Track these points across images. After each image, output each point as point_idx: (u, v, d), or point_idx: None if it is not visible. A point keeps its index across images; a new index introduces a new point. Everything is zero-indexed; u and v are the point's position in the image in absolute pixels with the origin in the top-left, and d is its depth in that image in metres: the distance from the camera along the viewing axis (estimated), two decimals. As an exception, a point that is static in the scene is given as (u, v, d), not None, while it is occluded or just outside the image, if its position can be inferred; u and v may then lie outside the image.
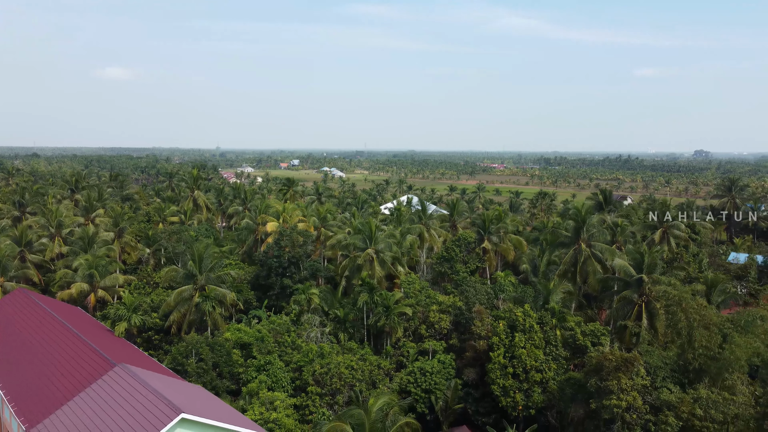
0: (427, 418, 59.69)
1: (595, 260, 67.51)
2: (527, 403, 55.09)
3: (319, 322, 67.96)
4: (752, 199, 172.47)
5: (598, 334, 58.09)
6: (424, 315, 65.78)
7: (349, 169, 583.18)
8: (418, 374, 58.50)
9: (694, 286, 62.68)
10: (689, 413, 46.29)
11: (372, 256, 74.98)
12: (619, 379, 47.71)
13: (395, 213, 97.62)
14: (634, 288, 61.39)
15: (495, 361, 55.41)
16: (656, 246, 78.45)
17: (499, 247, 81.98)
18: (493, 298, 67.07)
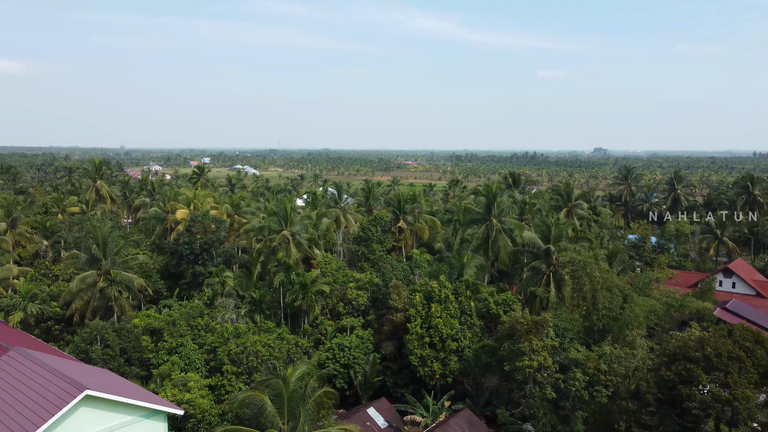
0: (347, 393, 59.64)
1: (505, 235, 69.92)
2: (444, 372, 56.17)
3: (233, 305, 66.17)
4: (646, 187, 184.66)
5: (509, 303, 60.11)
6: (341, 293, 65.60)
7: (263, 166, 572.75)
8: (337, 350, 58.28)
9: (598, 251, 66.34)
10: (595, 369, 48.81)
11: (288, 237, 73.90)
12: (531, 341, 49.54)
13: (310, 197, 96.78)
14: (542, 258, 64.07)
15: (412, 332, 56.10)
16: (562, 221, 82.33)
17: (414, 227, 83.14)
18: (409, 274, 67.90)
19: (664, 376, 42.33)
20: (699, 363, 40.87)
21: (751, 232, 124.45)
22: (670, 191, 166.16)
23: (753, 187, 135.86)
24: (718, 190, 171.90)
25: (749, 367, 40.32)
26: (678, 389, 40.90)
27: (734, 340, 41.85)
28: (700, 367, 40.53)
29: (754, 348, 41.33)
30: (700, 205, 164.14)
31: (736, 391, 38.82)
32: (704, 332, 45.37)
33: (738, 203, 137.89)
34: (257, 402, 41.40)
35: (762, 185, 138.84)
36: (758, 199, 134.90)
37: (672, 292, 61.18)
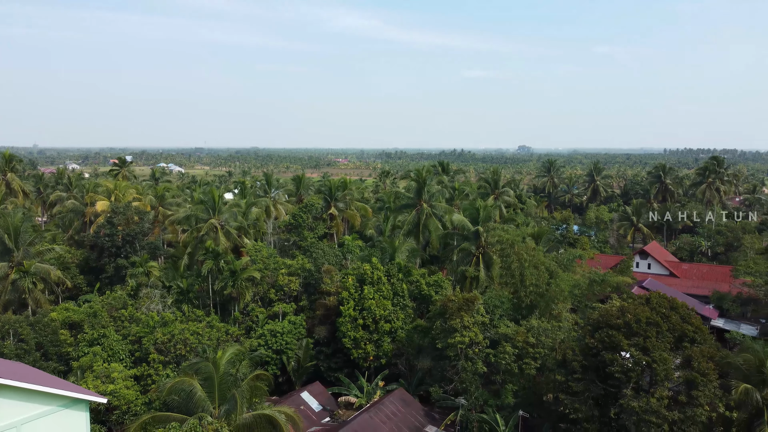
0: (280, 380, 58.81)
1: (436, 219, 70.88)
2: (378, 354, 56.32)
3: (159, 295, 63.80)
4: (568, 179, 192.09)
5: (441, 284, 60.95)
6: (272, 279, 64.51)
7: (189, 164, 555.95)
8: (269, 336, 57.31)
9: (524, 229, 68.36)
10: (524, 342, 50.26)
11: (216, 226, 71.96)
12: (462, 317, 50.39)
13: (239, 186, 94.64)
14: (471, 240, 65.35)
15: (345, 314, 55.91)
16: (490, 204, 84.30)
17: (345, 214, 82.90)
18: (342, 260, 67.64)
19: (589, 344, 44.01)
20: (620, 329, 42.75)
21: (663, 218, 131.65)
22: (589, 182, 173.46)
23: (665, 176, 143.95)
24: (634, 181, 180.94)
25: (665, 332, 42.50)
26: (602, 355, 42.61)
27: (651, 307, 44.04)
28: (622, 333, 42.39)
29: (670, 314, 43.62)
30: (618, 195, 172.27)
31: (654, 354, 40.84)
32: (624, 302, 47.53)
33: (651, 192, 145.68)
34: (186, 387, 40.03)
35: (672, 175, 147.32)
36: (669, 188, 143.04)
37: (594, 270, 63.94)
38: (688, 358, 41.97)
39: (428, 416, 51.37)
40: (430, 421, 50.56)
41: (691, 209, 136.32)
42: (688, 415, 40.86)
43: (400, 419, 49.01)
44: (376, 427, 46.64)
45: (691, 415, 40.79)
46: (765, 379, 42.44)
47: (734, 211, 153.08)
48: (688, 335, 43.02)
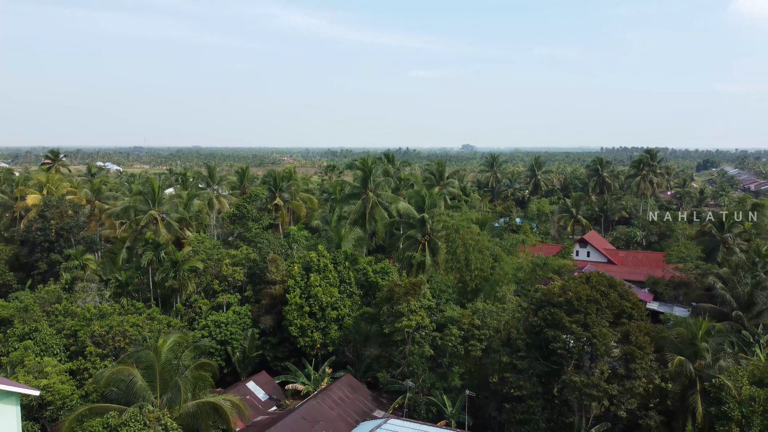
0: (225, 371, 57.53)
1: (381, 207, 70.94)
2: (325, 341, 55.91)
3: (96, 288, 61.40)
4: (510, 173, 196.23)
5: (387, 271, 61.04)
6: (216, 270, 63.08)
7: (127, 163, 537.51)
8: (212, 327, 56.01)
9: (469, 214, 69.34)
10: (469, 324, 50.93)
11: (156, 217, 69.81)
12: (409, 302, 50.60)
13: (180, 178, 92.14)
14: (417, 228, 65.72)
15: (291, 302, 55.23)
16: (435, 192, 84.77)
17: (291, 204, 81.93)
18: (287, 249, 66.81)
19: (532, 323, 44.99)
20: (562, 307, 43.87)
21: (601, 210, 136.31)
22: (531, 177, 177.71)
23: (602, 169, 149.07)
24: (573, 176, 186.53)
25: (605, 308, 43.89)
26: (545, 333, 43.63)
27: (591, 286, 45.38)
28: (563, 311, 43.52)
29: (608, 291, 45.07)
30: (558, 189, 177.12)
31: (594, 330, 42.10)
32: (566, 282, 48.80)
33: (590, 185, 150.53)
34: (126, 377, 38.60)
35: (609, 168, 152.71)
36: (607, 181, 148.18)
37: (537, 255, 65.46)
38: (627, 333, 43.49)
39: (376, 401, 51.35)
40: (378, 406, 50.56)
41: (627, 201, 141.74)
42: (627, 387, 42.35)
43: (348, 404, 48.78)
44: (323, 413, 46.26)
45: (629, 387, 42.28)
46: (697, 351, 44.42)
47: (666, 204, 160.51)
48: (626, 311, 44.56)
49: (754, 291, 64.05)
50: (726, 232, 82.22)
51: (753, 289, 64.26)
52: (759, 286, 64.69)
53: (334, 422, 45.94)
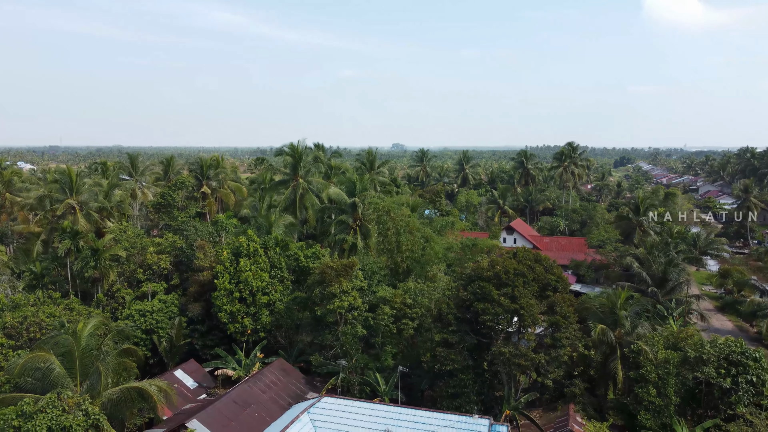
0: (151, 362, 55.46)
1: (312, 194, 70.30)
2: (256, 327, 54.84)
3: (8, 281, 57.76)
4: (439, 168, 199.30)
5: (319, 255, 60.57)
6: (140, 259, 60.66)
7: (42, 162, 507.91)
8: (137, 316, 53.84)
9: (400, 197, 69.89)
10: (401, 303, 51.31)
11: (74, 206, 66.35)
12: (341, 283, 50.41)
13: (100, 167, 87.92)
14: (348, 213, 65.53)
15: (220, 288, 53.81)
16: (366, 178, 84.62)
17: (219, 192, 79.80)
18: (216, 237, 65.08)
19: (462, 297, 45.84)
20: (491, 281, 44.96)
21: (526, 200, 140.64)
22: (459, 171, 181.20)
23: (527, 162, 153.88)
24: (500, 170, 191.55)
25: (531, 282, 45.30)
26: (474, 306, 44.54)
27: (518, 260, 46.74)
28: (492, 284, 44.60)
29: (534, 266, 46.54)
30: (485, 182, 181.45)
31: (521, 301, 43.36)
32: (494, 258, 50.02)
33: (515, 177, 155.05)
34: (42, 364, 36.47)
35: (533, 161, 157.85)
36: (531, 173, 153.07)
37: (466, 237, 66.72)
38: (552, 304, 45.06)
39: (309, 384, 50.90)
40: (311, 389, 50.11)
41: (551, 193, 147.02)
42: (553, 356, 43.89)
43: (281, 388, 48.09)
44: (255, 396, 45.39)
45: (555, 356, 43.84)
46: (617, 320, 46.57)
47: (587, 196, 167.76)
48: (551, 284, 46.13)
49: (668, 268, 67.85)
50: (642, 215, 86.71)
51: (666, 266, 68.06)
52: (671, 263, 68.58)
53: (267, 405, 45.19)
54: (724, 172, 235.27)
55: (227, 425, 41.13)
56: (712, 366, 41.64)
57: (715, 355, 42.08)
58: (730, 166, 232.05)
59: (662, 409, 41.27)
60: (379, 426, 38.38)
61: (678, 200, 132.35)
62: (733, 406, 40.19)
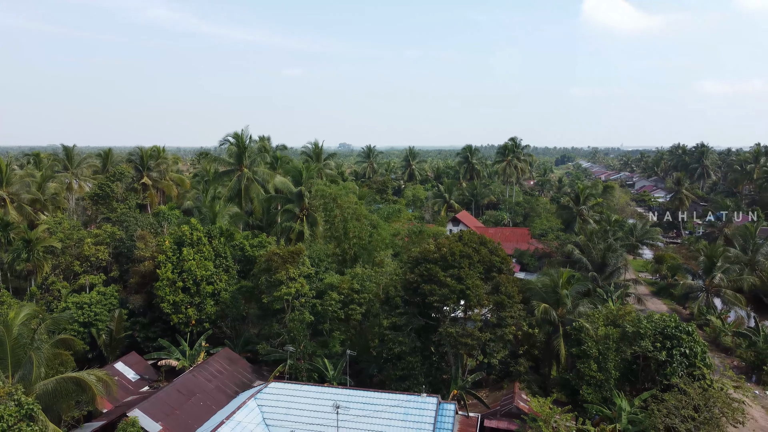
0: (90, 356, 53.36)
1: (258, 184, 69.23)
2: (201, 317, 53.62)
3: (-68, 276, 54.51)
4: (386, 164, 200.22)
5: (265, 245, 59.78)
6: (77, 251, 58.32)
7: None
8: (74, 309, 51.73)
9: (347, 184, 69.62)
10: (349, 289, 51.19)
11: (4, 198, 63.22)
12: (287, 269, 49.88)
13: (33, 159, 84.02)
14: (295, 202, 64.96)
15: (163, 277, 52.35)
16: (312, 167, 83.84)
17: (160, 184, 77.50)
18: (158, 227, 63.26)
19: (409, 279, 46.11)
20: (437, 263, 45.40)
21: (471, 195, 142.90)
22: (406, 167, 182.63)
23: (472, 157, 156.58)
24: (446, 166, 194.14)
25: (476, 263, 45.99)
26: (422, 288, 44.86)
27: (464, 243, 47.35)
28: (439, 266, 45.05)
29: (480, 248, 47.27)
30: (432, 178, 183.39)
31: (467, 281, 43.96)
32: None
33: (461, 172, 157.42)
34: (-30, 355, 34.64)
35: (478, 155, 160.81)
36: (476, 168, 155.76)
37: (414, 224, 67.18)
38: (497, 284, 45.85)
39: (257, 372, 50.14)
40: (258, 377, 49.37)
41: (495, 188, 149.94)
42: (499, 335, 44.68)
43: (227, 376, 47.19)
44: (200, 385, 44.38)
45: (500, 334, 44.64)
46: (559, 299, 47.85)
47: (530, 190, 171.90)
48: (496, 265, 46.94)
49: (606, 254, 70.19)
50: (581, 204, 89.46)
51: (605, 252, 70.40)
52: (610, 249, 70.98)
53: (212, 394, 44.25)
54: (658, 168, 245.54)
55: (171, 414, 40.04)
56: (648, 340, 43.30)
57: (651, 330, 43.77)
58: (663, 162, 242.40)
59: (603, 383, 42.67)
60: (329, 407, 38.16)
61: (616, 193, 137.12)
62: (668, 377, 41.87)
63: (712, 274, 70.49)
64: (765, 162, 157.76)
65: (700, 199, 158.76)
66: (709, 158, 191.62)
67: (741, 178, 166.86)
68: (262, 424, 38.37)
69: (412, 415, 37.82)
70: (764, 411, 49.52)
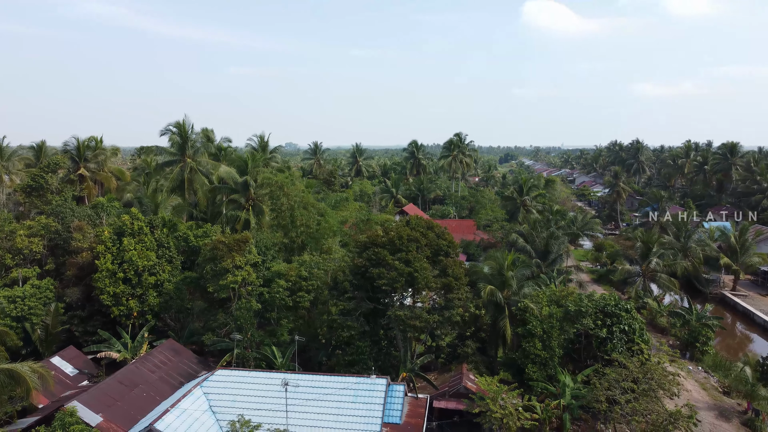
0: (23, 352, 50.89)
1: (202, 174, 67.60)
2: (143, 309, 52.04)
3: None
4: (333, 160, 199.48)
5: (210, 234, 58.51)
6: (9, 243, 55.51)
7: None
8: (6, 303, 49.27)
9: (294, 172, 68.99)
10: (297, 276, 50.72)
11: (-73, 189, 59.57)
12: (233, 257, 48.99)
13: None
14: (241, 192, 63.83)
15: (102, 268, 50.54)
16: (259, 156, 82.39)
17: (99, 175, 74.61)
18: (96, 219, 60.91)
19: (357, 264, 46.06)
20: (385, 247, 45.52)
21: (418, 189, 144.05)
22: (353, 163, 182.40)
23: (418, 152, 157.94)
24: (392, 163, 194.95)
25: (424, 247, 46.38)
26: (370, 272, 44.87)
27: (412, 228, 47.69)
28: (387, 250, 45.18)
29: (427, 232, 47.70)
30: (379, 174, 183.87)
31: (415, 264, 44.25)
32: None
33: (407, 167, 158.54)
34: None
35: (424, 151, 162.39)
36: (422, 163, 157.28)
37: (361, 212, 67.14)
38: (444, 267, 46.33)
39: (203, 363, 48.97)
40: (205, 368, 48.21)
41: (441, 183, 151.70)
42: (446, 316, 45.17)
43: (171, 367, 45.89)
44: (143, 377, 42.98)
45: (448, 316, 45.15)
46: (504, 281, 48.78)
47: (475, 186, 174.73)
48: (443, 249, 47.47)
49: (549, 241, 72.11)
50: (525, 195, 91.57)
51: (548, 239, 72.31)
52: (552, 236, 72.96)
53: (156, 385, 42.92)
54: (596, 165, 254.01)
55: (112, 405, 38.64)
56: (590, 318, 44.75)
57: (592, 308, 45.24)
58: (601, 159, 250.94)
59: (547, 361, 43.80)
60: (277, 392, 37.69)
61: (557, 186, 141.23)
62: (609, 353, 43.37)
63: (648, 259, 73.40)
64: (695, 156, 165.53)
65: (636, 193, 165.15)
66: (644, 154, 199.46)
67: (673, 173, 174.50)
68: (209, 412, 37.56)
69: (362, 397, 37.81)
70: (697, 384, 51.96)
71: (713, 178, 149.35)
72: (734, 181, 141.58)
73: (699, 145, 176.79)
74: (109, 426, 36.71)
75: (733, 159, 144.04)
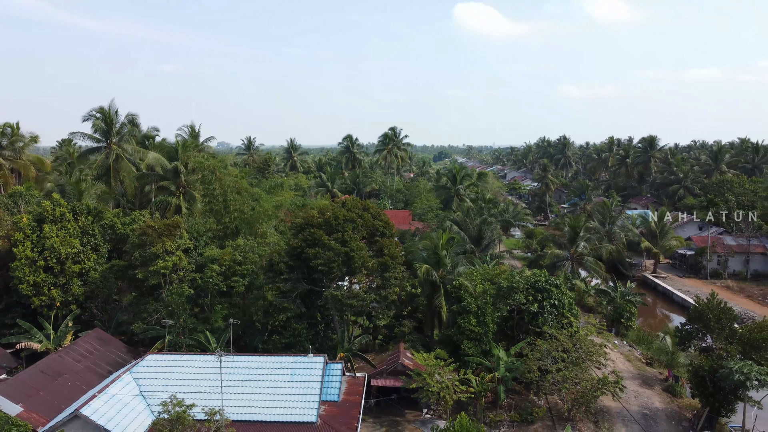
0: (-69, 348, 47.52)
1: (128, 162, 64.95)
2: (66, 299, 49.62)
3: None
4: (268, 153, 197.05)
5: (138, 220, 56.43)
6: None
7: None
8: None
9: (226, 157, 67.44)
10: (231, 261, 49.65)
11: None
12: (164, 242, 47.47)
13: None
14: (171, 179, 61.90)
15: (21, 256, 47.80)
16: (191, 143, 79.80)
17: (15, 164, 70.45)
18: (14, 207, 57.59)
19: (293, 245, 45.60)
20: (321, 227, 45.29)
21: (354, 183, 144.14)
22: (288, 159, 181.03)
23: (353, 146, 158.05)
24: (328, 158, 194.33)
25: (360, 227, 46.45)
26: (306, 252, 44.52)
27: (347, 209, 47.65)
28: (323, 230, 44.95)
29: (363, 213, 47.79)
30: (315, 170, 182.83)
31: (352, 244, 44.24)
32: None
33: (343, 161, 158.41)
34: None
35: (358, 144, 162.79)
36: (357, 157, 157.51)
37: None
38: (381, 247, 46.57)
39: (132, 352, 47.19)
40: (134, 357, 46.46)
41: (377, 177, 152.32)
42: (383, 295, 45.39)
43: (98, 356, 43.99)
44: (67, 366, 41.02)
45: (385, 295, 45.38)
46: (439, 260, 49.47)
47: (410, 181, 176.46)
48: (379, 230, 47.69)
49: (482, 227, 73.73)
50: (458, 184, 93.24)
51: (481, 225, 73.93)
52: (485, 222, 74.68)
53: (82, 374, 41.07)
54: (526, 160, 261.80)
55: (34, 395, 36.68)
56: (522, 294, 46.04)
57: (524, 284, 46.58)
58: (531, 155, 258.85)
59: (482, 336, 44.70)
60: (212, 374, 36.76)
61: (489, 179, 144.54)
62: (540, 326, 44.77)
63: (576, 243, 76.19)
64: (617, 151, 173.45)
65: (564, 186, 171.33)
66: (570, 150, 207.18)
67: (598, 166, 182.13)
68: (139, 396, 36.20)
69: (300, 376, 37.41)
70: (622, 357, 54.45)
71: (634, 170, 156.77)
72: (653, 173, 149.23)
73: (621, 141, 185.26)
74: (30, 416, 34.80)
75: (652, 152, 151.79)
